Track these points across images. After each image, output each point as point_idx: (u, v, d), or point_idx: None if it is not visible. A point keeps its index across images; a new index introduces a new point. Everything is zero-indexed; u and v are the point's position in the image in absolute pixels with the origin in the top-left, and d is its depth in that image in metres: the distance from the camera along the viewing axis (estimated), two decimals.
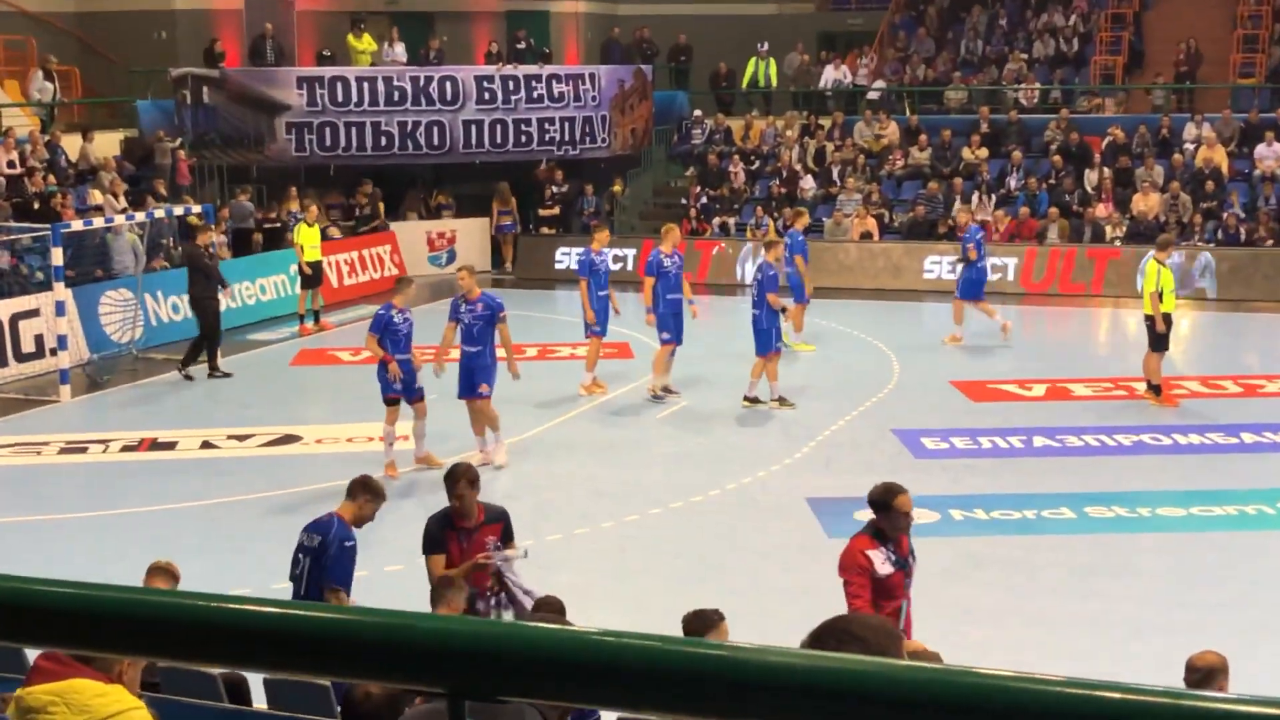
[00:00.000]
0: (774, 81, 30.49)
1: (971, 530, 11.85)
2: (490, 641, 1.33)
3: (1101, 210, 25.07)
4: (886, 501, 7.49)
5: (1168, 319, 15.85)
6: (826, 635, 2.53)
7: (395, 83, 26.24)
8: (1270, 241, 23.90)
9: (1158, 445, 14.35)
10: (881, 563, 7.39)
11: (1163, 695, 1.39)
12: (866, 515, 12.22)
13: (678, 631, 6.30)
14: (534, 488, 13.26)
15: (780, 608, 9.71)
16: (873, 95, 29.69)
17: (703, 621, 6.30)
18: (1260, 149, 25.51)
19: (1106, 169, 25.90)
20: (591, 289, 16.75)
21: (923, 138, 27.47)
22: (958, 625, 9.64)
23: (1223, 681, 5.93)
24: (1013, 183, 26.24)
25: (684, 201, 27.76)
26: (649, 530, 12.05)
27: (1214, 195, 24.97)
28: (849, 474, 13.37)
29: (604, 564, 11.28)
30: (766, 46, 30.28)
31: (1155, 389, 16.02)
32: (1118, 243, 24.35)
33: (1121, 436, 14.61)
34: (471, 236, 27.51)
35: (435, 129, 26.35)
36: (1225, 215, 24.45)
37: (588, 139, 27.55)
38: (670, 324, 16.49)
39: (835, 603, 6.92)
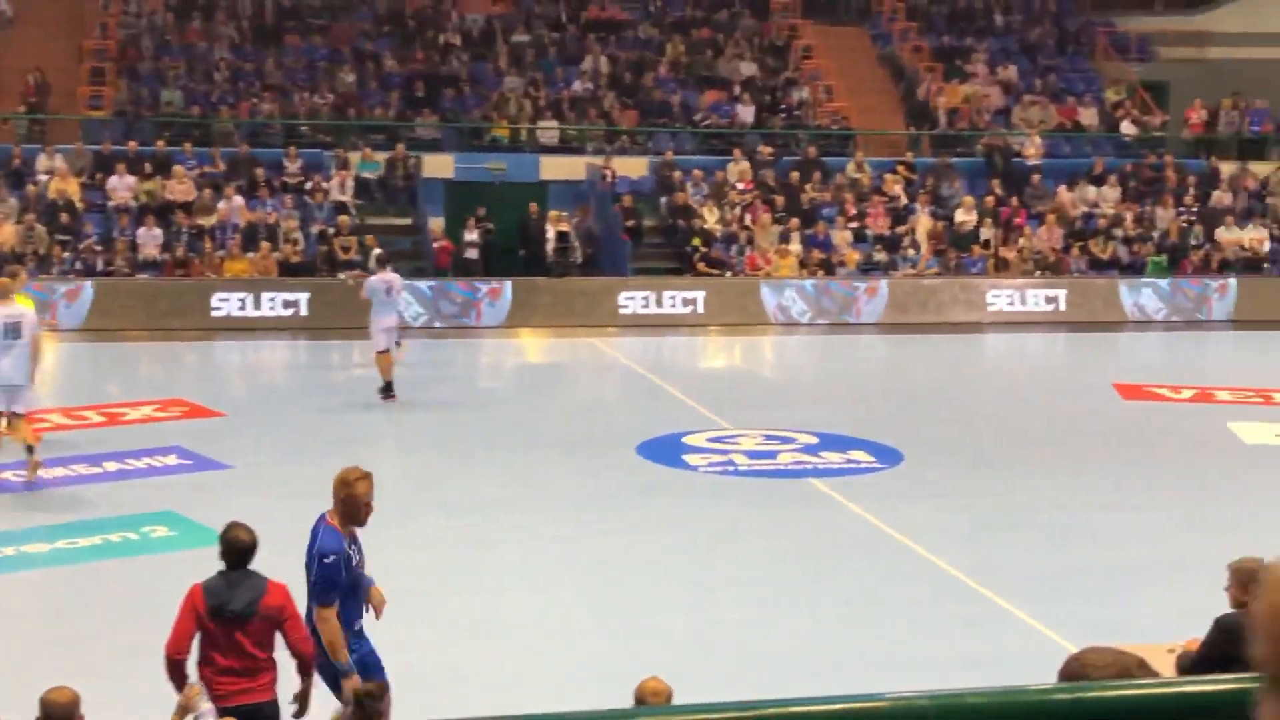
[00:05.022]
0: None
1: None
2: None
3: None
4: None
5: None
6: None
7: None
8: (128, 270, 24.44)
9: (21, 481, 14.03)
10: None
11: None
12: None
13: None
14: None
15: None
16: None
17: None
18: (113, 180, 25.98)
19: None
20: None
21: None
22: None
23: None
24: None
25: None
26: None
27: (70, 227, 25.03)
28: None
29: None
30: None
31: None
32: None
33: None
34: None
35: None
36: (82, 245, 24.61)
37: None
38: None
39: None
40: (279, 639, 7.09)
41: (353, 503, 7.44)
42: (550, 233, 26.65)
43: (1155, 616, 9.98)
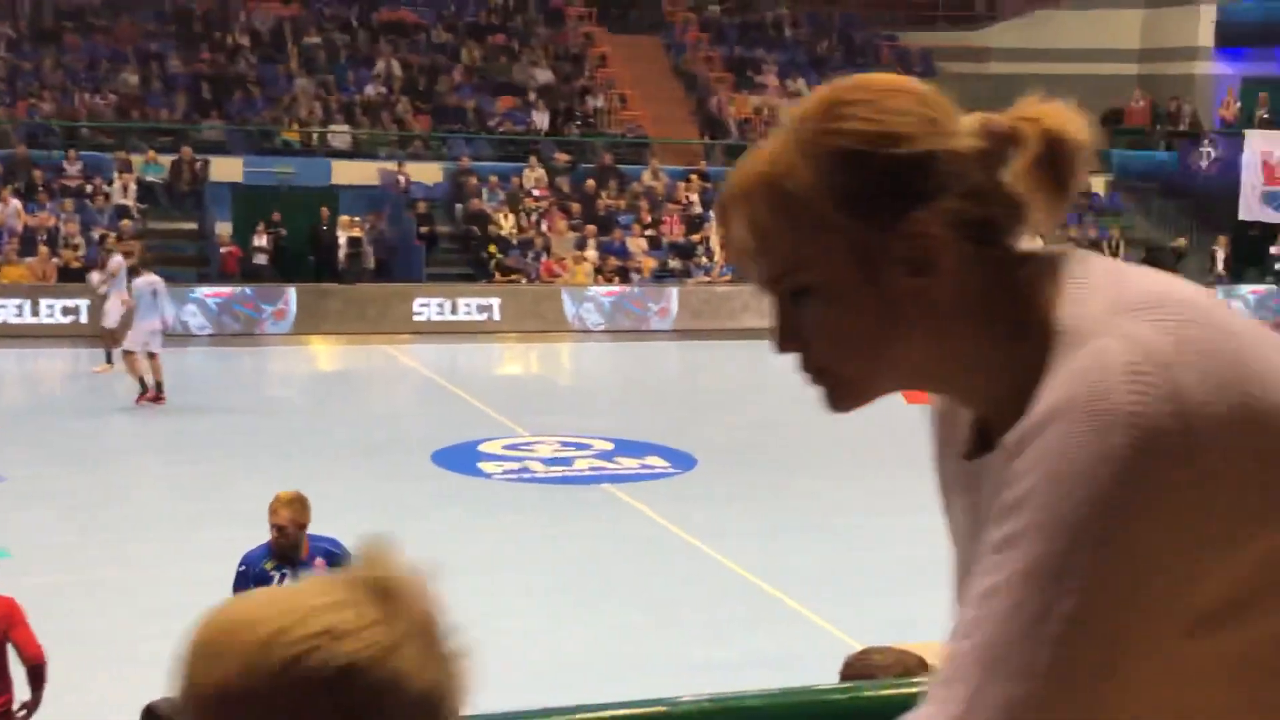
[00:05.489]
0: None
1: None
2: None
3: None
4: None
5: None
6: None
7: None
8: None
9: None
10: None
11: None
12: None
13: None
14: None
15: None
16: None
17: None
18: None
19: None
20: None
21: None
22: None
23: None
24: None
25: None
26: None
27: None
28: None
29: None
30: None
31: None
32: None
33: None
34: None
35: None
36: None
37: None
38: None
39: None
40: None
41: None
42: (342, 238, 26.27)
43: (938, 615, 10.25)
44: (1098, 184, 32.48)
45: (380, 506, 13.70)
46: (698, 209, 28.84)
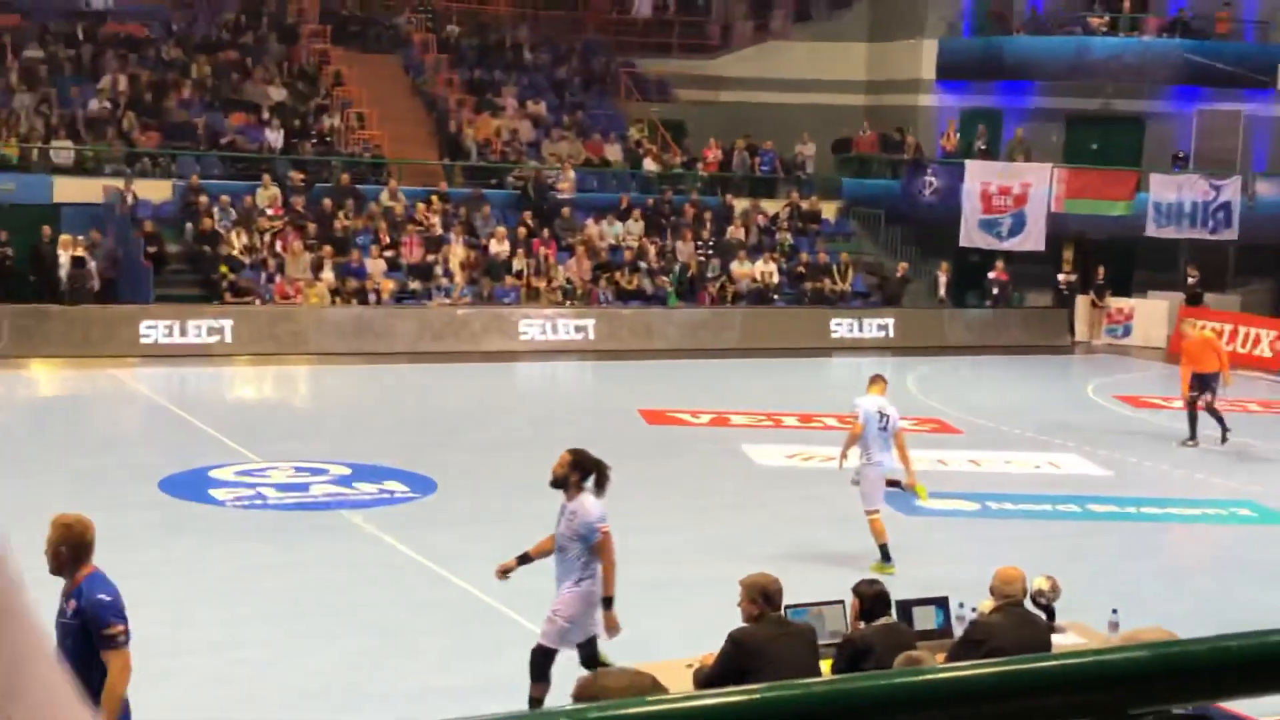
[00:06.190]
0: None
1: None
2: None
3: None
4: None
5: None
6: None
7: None
8: None
9: None
10: None
11: None
12: None
13: None
14: None
15: None
16: None
17: None
18: None
19: None
20: None
21: None
22: None
23: None
24: None
25: None
26: None
27: None
28: None
29: None
30: None
31: None
32: None
33: None
34: None
35: None
36: None
37: None
38: None
39: None
40: None
41: None
42: (64, 258, 25.23)
43: (676, 633, 10.38)
44: (828, 210, 33.50)
45: (106, 537, 13.16)
46: (438, 230, 28.68)
